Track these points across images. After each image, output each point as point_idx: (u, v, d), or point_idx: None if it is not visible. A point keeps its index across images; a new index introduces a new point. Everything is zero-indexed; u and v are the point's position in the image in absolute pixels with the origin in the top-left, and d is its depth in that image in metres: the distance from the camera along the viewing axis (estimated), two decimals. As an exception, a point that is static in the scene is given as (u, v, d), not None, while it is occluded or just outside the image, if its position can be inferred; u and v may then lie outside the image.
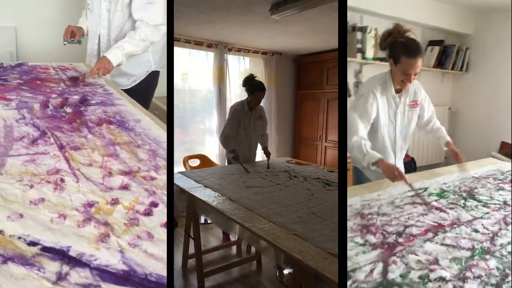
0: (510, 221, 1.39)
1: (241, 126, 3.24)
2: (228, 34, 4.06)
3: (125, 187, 1.19)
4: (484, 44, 4.01)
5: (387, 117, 1.92)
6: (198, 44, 4.23)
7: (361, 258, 1.12)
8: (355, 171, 2.08)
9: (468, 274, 1.03)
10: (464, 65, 4.12)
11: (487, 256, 1.12)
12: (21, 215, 0.96)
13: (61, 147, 1.35)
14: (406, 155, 2.09)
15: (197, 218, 2.48)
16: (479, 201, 1.60)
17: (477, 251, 1.16)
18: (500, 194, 1.68)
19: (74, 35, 2.30)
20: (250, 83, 3.18)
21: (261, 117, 3.37)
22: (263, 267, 2.87)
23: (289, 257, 1.46)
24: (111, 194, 1.13)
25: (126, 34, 2.22)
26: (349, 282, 1.01)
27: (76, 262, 0.85)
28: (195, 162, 3.87)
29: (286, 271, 2.63)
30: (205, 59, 4.42)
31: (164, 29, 2.24)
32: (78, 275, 0.82)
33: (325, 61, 4.91)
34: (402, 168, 1.99)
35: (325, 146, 5.08)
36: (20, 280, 0.78)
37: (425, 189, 1.74)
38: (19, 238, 0.89)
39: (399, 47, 1.75)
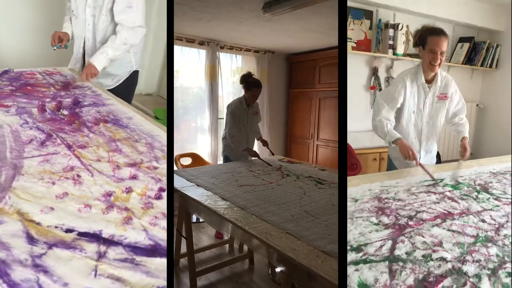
0: None
1: (240, 124, 3.32)
2: (220, 32, 4.06)
3: (134, 177, 1.32)
4: (515, 41, 3.93)
5: (415, 105, 2.06)
6: (189, 41, 4.23)
7: (373, 235, 1.24)
8: (389, 161, 2.23)
9: (468, 257, 1.09)
10: (493, 62, 4.05)
11: (489, 244, 1.17)
12: (52, 208, 1.08)
13: (69, 147, 1.46)
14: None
15: (189, 217, 2.46)
16: (492, 194, 1.64)
17: (481, 238, 1.22)
18: None
19: (61, 40, 2.38)
20: (248, 80, 3.28)
21: (256, 113, 3.47)
22: (255, 265, 2.89)
23: (282, 255, 1.46)
24: (124, 184, 1.27)
25: (110, 37, 2.32)
26: (360, 254, 1.12)
27: (110, 242, 0.99)
28: (187, 161, 3.86)
29: (278, 269, 2.65)
30: (197, 56, 4.42)
31: (142, 31, 2.36)
32: (114, 252, 0.95)
33: (317, 60, 4.93)
34: (429, 158, 2.18)
35: (317, 145, 5.11)
36: (67, 261, 0.90)
37: (441, 180, 1.82)
38: (56, 227, 1.01)
39: (425, 31, 1.95)
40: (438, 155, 2.32)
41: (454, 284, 0.96)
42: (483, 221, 1.35)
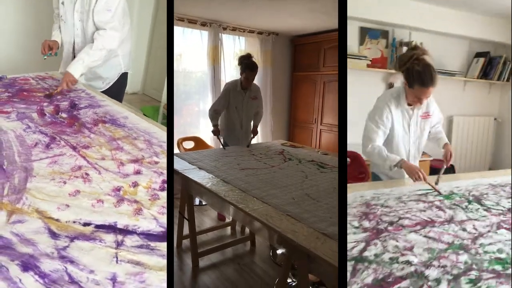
0: (505, 226, 1.42)
1: (232, 105, 3.27)
2: (223, 12, 3.97)
3: (138, 172, 1.42)
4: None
5: (401, 128, 2.03)
6: (191, 22, 4.12)
7: (349, 238, 1.30)
8: (373, 176, 2.22)
9: (435, 263, 1.12)
10: (511, 76, 4.06)
11: (461, 251, 1.20)
12: (67, 205, 1.17)
13: (74, 148, 1.54)
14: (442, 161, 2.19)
15: (191, 200, 2.53)
16: (483, 205, 1.64)
17: (454, 245, 1.24)
18: (508, 202, 1.69)
19: (51, 48, 2.42)
20: (243, 61, 3.16)
21: (255, 98, 3.36)
22: (256, 247, 2.95)
23: (282, 237, 1.49)
24: (130, 179, 1.36)
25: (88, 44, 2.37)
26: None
27: (125, 231, 1.09)
28: (190, 144, 3.88)
29: (279, 251, 2.73)
30: (199, 39, 4.32)
31: (118, 36, 2.39)
32: (131, 240, 1.05)
33: (322, 42, 4.79)
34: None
35: (320, 129, 5.04)
36: (89, 251, 1.00)
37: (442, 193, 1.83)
38: (74, 222, 1.10)
39: (414, 75, 1.85)
40: (453, 168, 2.27)
41: (410, 286, 1.01)
42: (464, 229, 1.37)
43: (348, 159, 2.90)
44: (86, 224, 1.09)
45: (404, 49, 3.47)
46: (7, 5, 3.32)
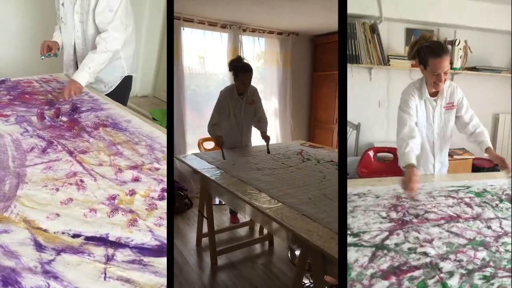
0: None
1: (231, 114, 3.05)
2: (242, 14, 3.94)
3: (136, 179, 1.33)
4: None
5: (425, 119, 2.01)
6: (212, 25, 4.12)
7: (375, 226, 1.33)
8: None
9: (451, 256, 1.13)
10: None
11: (480, 248, 1.19)
12: (58, 214, 1.09)
13: (71, 153, 1.46)
14: (490, 161, 2.14)
15: (210, 198, 2.54)
16: None
17: (475, 242, 1.23)
18: None
19: (50, 49, 2.36)
20: (235, 65, 2.95)
21: (253, 102, 3.12)
22: (275, 248, 2.94)
23: (296, 236, 1.48)
24: (127, 187, 1.27)
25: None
26: (355, 239, 1.23)
27: (117, 244, 1.00)
28: (210, 145, 3.89)
29: (297, 252, 2.64)
30: (220, 41, 4.31)
31: (122, 36, 2.29)
32: (122, 254, 0.97)
33: None
34: (439, 168, 2.11)
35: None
36: (76, 266, 0.91)
37: (468, 187, 1.78)
38: (63, 233, 1.02)
39: (424, 51, 1.86)
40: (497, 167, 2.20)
41: (423, 276, 1.02)
42: (489, 227, 1.35)
43: (393, 155, 3.01)
44: (75, 236, 1.01)
45: (449, 47, 3.35)
46: (11, 6, 3.29)
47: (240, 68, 2.92)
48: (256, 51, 4.70)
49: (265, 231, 3.05)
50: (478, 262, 1.10)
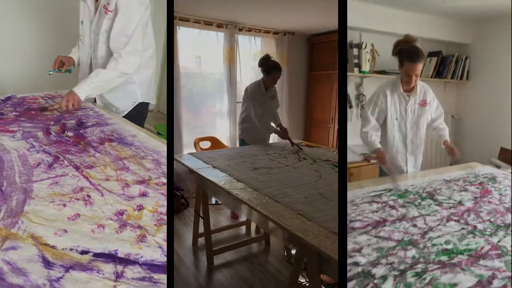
0: (454, 218, 1.49)
1: (260, 106, 3.33)
2: (238, 13, 3.99)
3: (144, 194, 1.33)
4: (483, 53, 4.03)
5: (398, 112, 2.23)
6: (208, 24, 4.18)
7: None
8: (380, 172, 2.36)
9: (383, 260, 1.15)
10: (464, 73, 4.12)
11: (409, 247, 1.24)
12: (66, 231, 1.09)
13: (77, 168, 1.47)
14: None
15: (206, 198, 2.57)
16: (435, 200, 1.69)
17: (403, 242, 1.28)
18: (460, 195, 1.76)
19: (63, 64, 2.35)
20: (267, 63, 3.25)
21: (274, 97, 3.45)
22: (271, 247, 2.98)
23: (291, 235, 1.50)
24: (135, 202, 1.27)
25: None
26: None
27: (126, 261, 0.99)
28: (206, 144, 3.94)
29: (294, 251, 2.66)
30: (216, 40, 4.37)
31: (137, 60, 2.18)
32: (132, 272, 0.96)
33: None
34: (413, 163, 2.32)
35: (337, 129, 4.90)
36: (85, 283, 0.91)
37: (390, 189, 1.86)
38: (71, 249, 1.01)
39: (402, 53, 2.09)
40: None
41: (356, 286, 1.03)
42: (414, 225, 1.41)
43: None
44: (84, 252, 1.00)
45: (355, 50, 3.46)
46: (26, 22, 3.32)
47: (273, 67, 3.24)
48: (252, 50, 4.75)
49: (262, 230, 3.09)
50: (408, 261, 1.15)
